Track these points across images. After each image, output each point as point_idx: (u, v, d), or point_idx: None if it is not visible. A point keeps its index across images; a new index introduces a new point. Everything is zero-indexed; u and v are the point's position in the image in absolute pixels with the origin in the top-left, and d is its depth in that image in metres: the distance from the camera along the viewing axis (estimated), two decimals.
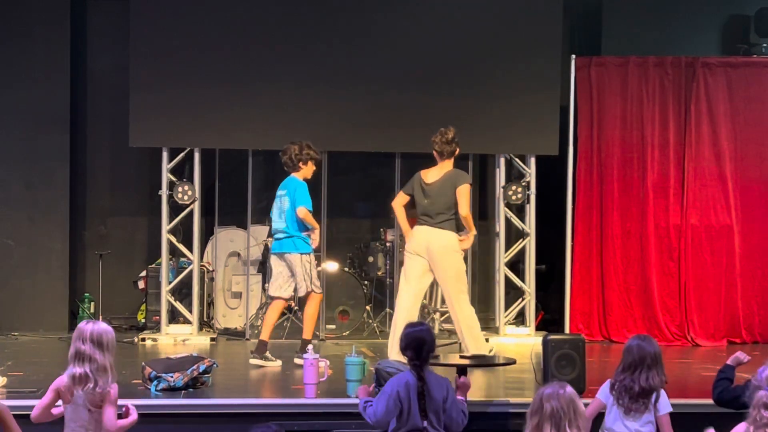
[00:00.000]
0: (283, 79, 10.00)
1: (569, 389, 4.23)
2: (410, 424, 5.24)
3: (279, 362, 8.40)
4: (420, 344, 5.29)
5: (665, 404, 5.42)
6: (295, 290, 8.54)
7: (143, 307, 10.61)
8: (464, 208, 8.16)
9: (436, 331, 10.38)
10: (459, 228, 8.30)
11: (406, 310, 8.27)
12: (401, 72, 10.09)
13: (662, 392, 5.39)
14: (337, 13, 10.12)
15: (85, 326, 5.02)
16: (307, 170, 8.63)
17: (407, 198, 8.36)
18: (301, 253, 8.46)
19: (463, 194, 8.18)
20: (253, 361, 8.40)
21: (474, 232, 8.33)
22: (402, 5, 10.19)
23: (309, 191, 8.63)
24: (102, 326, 5.04)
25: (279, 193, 8.63)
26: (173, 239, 10.21)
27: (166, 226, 10.15)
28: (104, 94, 11.07)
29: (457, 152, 8.41)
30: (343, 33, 10.10)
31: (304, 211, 8.41)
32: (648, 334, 10.26)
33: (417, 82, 10.09)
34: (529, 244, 10.47)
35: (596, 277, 10.41)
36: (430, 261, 8.20)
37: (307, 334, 8.48)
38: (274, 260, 8.63)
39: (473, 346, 8.16)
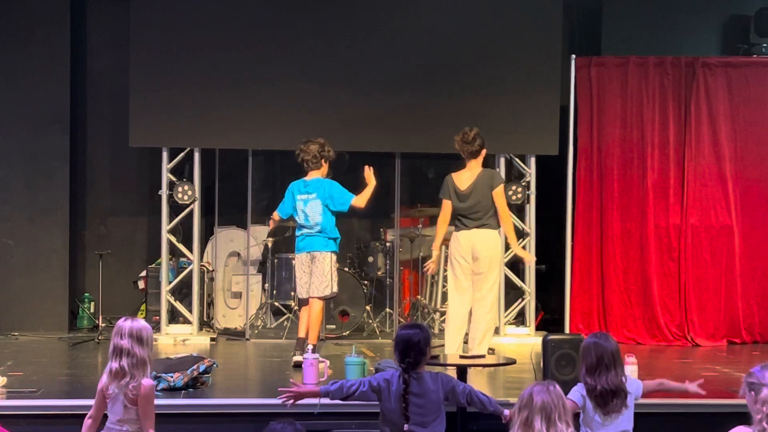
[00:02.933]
0: (283, 79, 10.00)
1: (557, 387, 4.24)
2: (390, 418, 5.23)
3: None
4: (406, 347, 5.24)
5: (637, 388, 5.39)
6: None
7: (143, 307, 10.61)
8: (504, 210, 8.20)
9: (435, 331, 10.41)
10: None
11: (461, 317, 8.23)
12: (401, 72, 10.09)
13: (631, 380, 5.36)
14: (337, 13, 10.12)
15: (123, 323, 5.14)
16: (325, 169, 8.61)
17: (449, 203, 8.25)
18: (333, 252, 8.47)
19: (500, 196, 8.22)
20: (298, 358, 8.17)
21: (513, 238, 8.36)
22: (402, 5, 10.19)
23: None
24: (140, 322, 5.17)
25: (307, 197, 8.45)
26: (173, 239, 10.22)
27: (166, 226, 10.15)
28: (104, 94, 11.07)
29: (483, 152, 8.34)
30: (344, 33, 10.10)
31: (359, 200, 8.46)
32: (647, 333, 10.38)
33: (417, 82, 10.09)
34: (529, 244, 10.46)
35: (596, 277, 10.41)
36: (478, 260, 8.16)
37: (313, 339, 8.37)
38: (300, 260, 8.47)
39: (481, 345, 8.16)
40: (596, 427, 5.24)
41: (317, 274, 8.38)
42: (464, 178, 8.29)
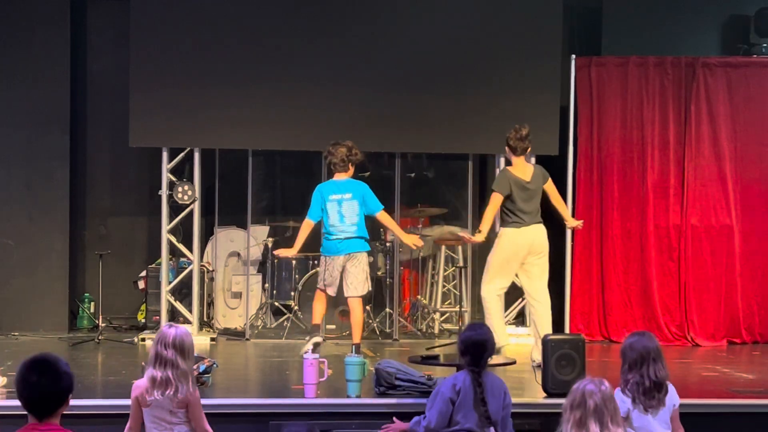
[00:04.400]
0: (283, 79, 10.00)
1: (608, 385, 4.25)
2: (465, 427, 5.23)
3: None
4: (482, 348, 5.30)
5: (674, 397, 5.40)
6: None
7: (143, 307, 10.61)
8: (559, 195, 8.56)
9: (435, 331, 10.40)
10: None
11: (501, 307, 8.47)
12: (401, 72, 10.09)
13: (670, 385, 5.37)
14: (337, 13, 10.11)
15: (168, 330, 5.07)
16: (352, 171, 8.64)
17: (502, 198, 8.27)
18: (368, 252, 8.55)
19: (553, 185, 8.51)
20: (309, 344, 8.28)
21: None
22: (402, 6, 10.19)
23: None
24: (182, 330, 5.10)
25: (342, 196, 8.45)
26: (173, 239, 10.21)
27: (166, 226, 10.15)
28: (104, 94, 11.06)
29: (529, 150, 8.47)
30: (344, 33, 10.10)
31: (387, 215, 8.57)
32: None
33: (417, 82, 10.09)
34: None
35: (596, 277, 10.41)
36: (531, 255, 8.26)
37: (357, 338, 8.48)
38: (335, 262, 8.44)
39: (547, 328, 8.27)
40: (642, 427, 5.23)
41: (355, 274, 8.41)
42: (524, 171, 8.36)
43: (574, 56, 10.32)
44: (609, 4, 10.95)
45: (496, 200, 8.25)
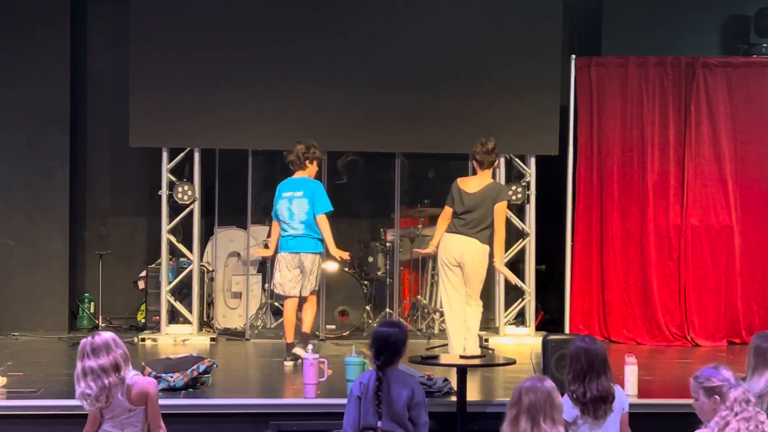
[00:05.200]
0: (284, 79, 10.00)
1: (548, 383, 4.23)
2: (365, 421, 5.23)
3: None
4: (384, 344, 5.28)
5: (624, 400, 5.30)
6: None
7: (143, 307, 10.61)
8: (499, 224, 8.34)
9: (435, 330, 10.40)
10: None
11: (461, 314, 8.37)
12: (401, 72, 10.09)
13: (618, 389, 5.24)
14: (337, 14, 10.11)
15: (84, 341, 5.00)
16: (313, 169, 8.71)
17: (451, 211, 8.38)
18: (319, 253, 8.57)
19: (501, 210, 8.37)
20: (289, 363, 8.39)
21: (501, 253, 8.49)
22: (402, 6, 10.19)
23: None
24: (89, 338, 5.00)
25: (293, 194, 8.58)
26: (173, 239, 10.21)
27: (166, 226, 10.15)
28: (104, 94, 11.07)
29: (496, 163, 8.58)
30: (344, 33, 10.10)
31: (325, 221, 8.51)
32: (647, 333, 10.37)
33: (417, 82, 10.09)
34: (529, 244, 10.46)
35: (596, 277, 10.41)
36: (463, 267, 8.30)
37: (307, 327, 8.56)
38: (286, 258, 8.58)
39: (473, 346, 8.25)
40: None
41: (307, 274, 8.52)
42: (473, 183, 8.46)
43: (574, 56, 10.32)
44: (609, 4, 10.95)
45: (443, 213, 8.47)
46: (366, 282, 10.65)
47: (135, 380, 5.02)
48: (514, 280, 8.93)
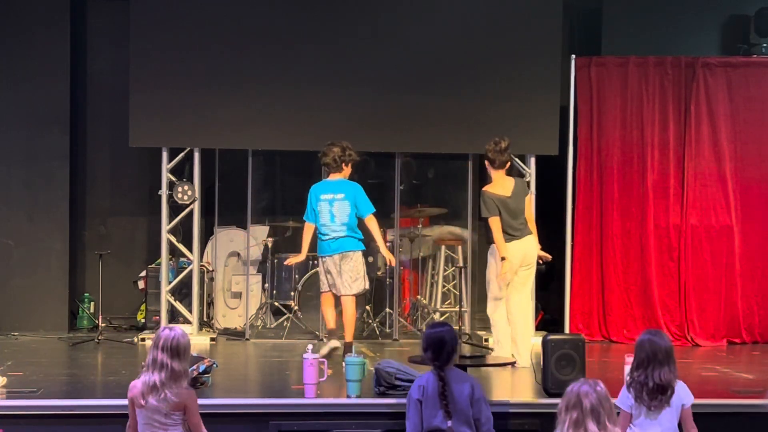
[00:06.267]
0: (284, 79, 10.00)
1: (602, 386, 4.30)
2: (430, 423, 5.25)
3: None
4: (440, 345, 5.37)
5: (686, 396, 5.40)
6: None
7: (143, 307, 10.61)
8: (532, 215, 8.58)
9: None
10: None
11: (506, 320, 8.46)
12: (401, 72, 10.09)
13: (681, 384, 5.38)
14: (337, 14, 10.11)
15: (162, 332, 5.11)
16: (348, 171, 8.66)
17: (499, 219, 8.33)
18: (362, 251, 8.56)
19: (531, 202, 8.64)
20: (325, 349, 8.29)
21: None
22: (402, 6, 10.18)
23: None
24: (178, 331, 5.13)
25: (334, 196, 8.49)
26: (173, 239, 10.21)
27: (166, 226, 10.15)
28: (104, 94, 11.06)
29: (508, 164, 8.57)
30: (344, 34, 10.10)
31: (375, 221, 8.55)
32: None
33: (417, 82, 10.09)
34: None
35: (596, 277, 10.41)
36: (521, 266, 8.35)
37: (349, 336, 8.49)
38: (328, 263, 8.49)
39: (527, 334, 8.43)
40: (642, 424, 5.25)
41: (348, 272, 8.45)
42: (503, 186, 8.41)
43: (574, 56, 10.32)
44: (609, 4, 10.95)
45: (495, 224, 8.31)
46: None
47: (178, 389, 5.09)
48: (549, 257, 8.86)
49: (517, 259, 8.30)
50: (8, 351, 9.10)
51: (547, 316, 10.93)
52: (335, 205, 8.47)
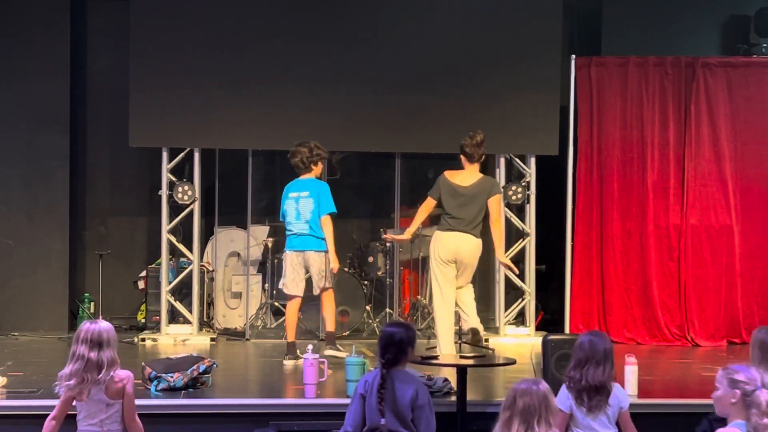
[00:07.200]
0: (284, 79, 10.00)
1: (543, 385, 4.20)
2: (369, 419, 5.24)
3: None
4: (388, 344, 5.29)
5: (624, 399, 5.40)
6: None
7: (143, 307, 10.61)
8: (498, 217, 8.31)
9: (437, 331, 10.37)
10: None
11: (448, 316, 8.33)
12: (401, 72, 10.09)
13: (618, 387, 5.36)
14: (337, 13, 10.12)
15: (82, 327, 5.15)
16: (318, 170, 8.76)
17: (434, 203, 8.34)
18: (325, 252, 8.57)
19: (498, 203, 8.35)
20: (288, 362, 8.42)
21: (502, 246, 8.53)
22: (402, 6, 10.19)
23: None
24: (101, 325, 5.13)
25: (299, 194, 8.60)
26: (173, 239, 10.21)
27: (166, 226, 10.15)
28: (104, 94, 11.07)
29: (483, 157, 8.46)
30: (344, 34, 10.11)
31: (329, 222, 8.52)
32: (647, 333, 10.38)
33: (417, 82, 10.10)
34: (529, 244, 10.47)
35: (596, 277, 10.41)
36: (459, 264, 8.24)
37: (331, 326, 8.63)
38: (291, 258, 8.61)
39: (476, 321, 8.35)
40: (580, 426, 5.26)
41: (316, 274, 8.59)
42: (464, 177, 8.32)
43: (574, 56, 10.32)
44: (609, 4, 10.95)
45: (425, 203, 8.38)
46: (366, 282, 10.66)
47: (114, 374, 5.11)
48: (516, 271, 8.89)
49: (444, 252, 8.19)
50: (8, 351, 9.10)
51: (547, 316, 10.94)
52: (300, 202, 8.59)
